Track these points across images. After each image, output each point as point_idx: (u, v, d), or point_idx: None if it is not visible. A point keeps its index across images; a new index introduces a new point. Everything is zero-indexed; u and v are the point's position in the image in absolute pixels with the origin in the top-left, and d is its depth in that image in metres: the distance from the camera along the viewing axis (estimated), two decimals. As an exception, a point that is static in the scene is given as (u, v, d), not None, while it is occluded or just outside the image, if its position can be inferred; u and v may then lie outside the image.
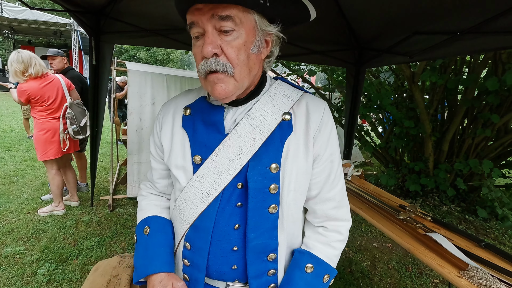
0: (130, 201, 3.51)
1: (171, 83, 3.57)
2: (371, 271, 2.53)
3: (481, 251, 1.36)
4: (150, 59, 22.48)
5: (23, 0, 1.94)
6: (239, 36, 0.60)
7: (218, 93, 0.63)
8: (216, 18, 0.58)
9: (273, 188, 0.68)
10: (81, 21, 2.27)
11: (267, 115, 0.70)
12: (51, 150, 2.83)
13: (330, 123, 0.73)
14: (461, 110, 3.64)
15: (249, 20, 0.61)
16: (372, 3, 1.91)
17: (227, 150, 0.68)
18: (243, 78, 0.64)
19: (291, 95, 0.73)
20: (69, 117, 2.88)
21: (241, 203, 0.69)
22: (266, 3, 0.60)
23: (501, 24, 1.47)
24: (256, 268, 0.71)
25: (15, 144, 5.62)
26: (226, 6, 0.57)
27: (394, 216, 1.74)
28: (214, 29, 0.59)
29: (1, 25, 15.27)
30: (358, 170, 2.64)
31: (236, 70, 0.62)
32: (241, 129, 0.69)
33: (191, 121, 0.74)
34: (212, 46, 0.59)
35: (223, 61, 0.61)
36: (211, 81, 0.63)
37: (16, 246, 2.42)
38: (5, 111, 9.22)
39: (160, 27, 2.48)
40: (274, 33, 0.67)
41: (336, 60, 2.93)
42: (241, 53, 0.61)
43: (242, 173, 0.69)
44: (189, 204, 0.71)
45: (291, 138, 0.70)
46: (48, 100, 2.79)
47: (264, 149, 0.68)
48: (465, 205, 3.93)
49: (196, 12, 0.59)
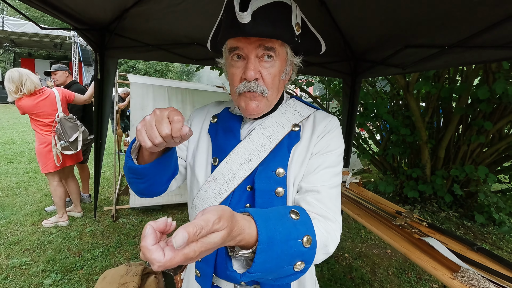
0: (133, 211, 3.56)
1: (172, 95, 3.66)
2: (371, 277, 2.57)
3: (474, 254, 1.42)
4: (149, 69, 22.72)
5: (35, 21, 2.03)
6: (275, 65, 0.73)
7: (252, 109, 0.74)
8: (262, 48, 0.70)
9: (280, 192, 0.73)
10: (87, 37, 2.37)
11: (277, 125, 0.78)
12: (51, 163, 2.89)
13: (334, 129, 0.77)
14: (456, 117, 3.74)
15: (284, 53, 0.74)
16: (365, 18, 2.02)
17: (239, 154, 0.76)
18: (273, 100, 0.78)
19: (303, 111, 0.82)
20: (57, 133, 2.88)
21: (250, 204, 0.75)
22: (298, 40, 0.74)
23: (486, 39, 1.57)
24: None
25: (17, 156, 5.67)
26: (271, 39, 0.70)
27: (391, 222, 1.80)
28: (256, 56, 0.71)
29: (1, 38, 15.47)
30: (356, 178, 2.71)
31: (270, 92, 0.74)
32: (253, 136, 0.77)
33: (215, 128, 0.84)
34: (254, 72, 0.70)
35: (261, 85, 0.73)
36: (247, 97, 0.74)
37: (22, 257, 2.45)
38: (6, 123, 9.28)
39: (163, 42, 2.58)
40: (296, 62, 0.80)
41: (332, 71, 3.03)
42: (275, 79, 0.74)
43: (252, 176, 0.75)
44: (204, 204, 0.77)
45: (297, 145, 0.77)
46: (43, 115, 2.84)
47: (272, 155, 0.75)
48: (463, 211, 3.99)
49: (243, 40, 0.69)
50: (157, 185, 0.76)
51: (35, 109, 2.79)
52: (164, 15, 2.14)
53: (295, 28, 0.72)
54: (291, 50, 0.76)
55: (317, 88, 13.76)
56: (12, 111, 12.21)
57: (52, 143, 2.86)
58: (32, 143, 6.92)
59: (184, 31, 2.40)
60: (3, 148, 6.16)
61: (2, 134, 7.55)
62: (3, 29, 12.54)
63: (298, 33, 0.74)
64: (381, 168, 4.98)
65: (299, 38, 0.74)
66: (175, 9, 2.04)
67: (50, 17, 16.55)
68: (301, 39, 0.75)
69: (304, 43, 0.77)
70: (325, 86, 4.91)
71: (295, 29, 0.72)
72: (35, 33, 13.08)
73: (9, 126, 8.78)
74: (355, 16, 2.07)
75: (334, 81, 4.76)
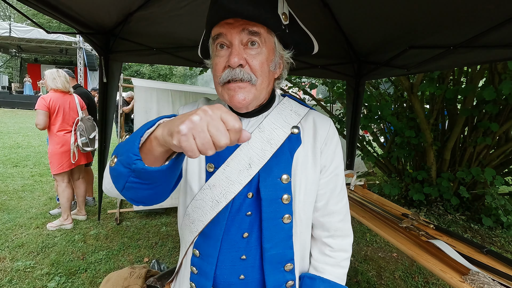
0: (137, 214, 3.55)
1: (176, 98, 3.68)
2: (377, 281, 2.54)
3: (483, 257, 1.39)
4: (153, 74, 22.90)
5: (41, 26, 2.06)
6: (262, 52, 0.68)
7: (237, 101, 0.68)
8: (246, 33, 0.66)
9: (286, 199, 0.71)
10: (92, 42, 2.39)
11: (276, 128, 0.74)
12: (66, 163, 2.99)
13: (335, 138, 0.79)
14: (461, 119, 3.70)
15: (271, 41, 0.70)
16: (368, 20, 2.01)
17: (238, 160, 0.71)
18: (262, 89, 0.71)
19: (299, 110, 0.79)
20: (79, 129, 3.09)
21: (251, 212, 0.72)
22: (285, 29, 0.70)
23: (491, 38, 1.55)
24: (274, 279, 0.72)
25: (23, 160, 5.72)
26: (256, 24, 0.66)
27: (397, 224, 1.78)
28: (240, 43, 0.66)
29: (9, 44, 15.76)
30: (361, 180, 2.68)
31: (259, 80, 0.69)
32: (252, 141, 0.72)
33: None
34: (238, 57, 0.65)
35: (248, 71, 0.67)
36: (231, 89, 0.68)
37: (26, 260, 2.46)
38: (12, 128, 9.38)
39: (166, 45, 2.60)
40: (285, 58, 0.76)
41: (336, 74, 3.02)
42: (264, 66, 0.69)
43: (253, 183, 0.72)
44: (198, 212, 0.73)
45: (300, 150, 0.75)
46: (65, 113, 3.01)
47: (274, 160, 0.72)
48: (470, 214, 3.93)
49: (226, 26, 0.66)
50: (164, 192, 0.61)
51: (59, 102, 2.96)
52: (167, 18, 2.16)
53: (281, 16, 0.69)
54: (279, 42, 0.72)
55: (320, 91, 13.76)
56: (18, 115, 12.36)
57: (71, 140, 3.03)
58: (37, 147, 6.99)
59: (188, 34, 2.41)
60: (9, 152, 6.22)
61: (8, 138, 7.63)
62: (10, 35, 12.76)
63: (286, 23, 0.71)
64: (386, 171, 4.94)
65: (286, 28, 0.70)
66: (179, 13, 2.06)
67: (56, 23, 16.81)
68: (289, 30, 0.71)
69: (292, 35, 0.73)
70: (329, 88, 4.90)
71: (282, 18, 0.69)
72: (42, 39, 13.30)
73: (15, 131, 8.88)
74: (358, 18, 2.06)
75: (337, 83, 4.75)
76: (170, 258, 2.67)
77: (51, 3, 1.71)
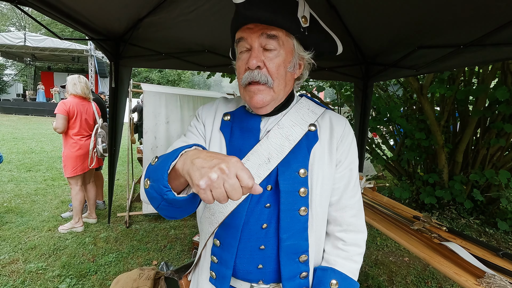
0: (146, 217, 3.58)
1: (184, 103, 3.72)
2: (389, 285, 2.48)
3: (499, 260, 1.35)
4: (162, 80, 23.26)
5: (55, 33, 2.12)
6: (280, 55, 0.72)
7: (256, 102, 0.73)
8: (264, 36, 0.70)
9: (303, 192, 0.74)
10: (103, 47, 2.45)
11: (295, 125, 0.78)
12: (82, 165, 3.06)
13: (351, 135, 0.82)
14: (473, 120, 3.63)
15: (289, 44, 0.74)
16: (376, 21, 2.00)
17: (258, 155, 0.75)
18: (280, 91, 0.75)
19: (316, 110, 0.83)
20: (100, 136, 3.18)
21: (270, 204, 0.75)
22: (305, 32, 0.74)
23: (502, 36, 1.52)
24: (289, 270, 0.75)
25: (36, 164, 5.85)
26: (274, 28, 0.70)
27: (409, 227, 1.74)
28: (259, 46, 0.71)
29: (23, 53, 16.28)
30: (370, 183, 2.65)
31: (275, 82, 0.73)
32: (271, 137, 0.76)
33: (229, 126, 0.82)
34: (256, 59, 0.70)
35: (265, 74, 0.72)
36: (251, 91, 0.73)
37: (38, 262, 2.50)
38: (26, 133, 9.63)
39: (175, 50, 2.64)
40: (306, 58, 0.79)
41: (343, 76, 3.01)
42: (280, 69, 0.73)
43: (272, 176, 0.75)
44: (219, 204, 0.75)
45: (316, 146, 0.78)
46: (82, 118, 3.08)
47: (292, 155, 0.76)
48: (484, 218, 3.82)
49: (247, 30, 0.71)
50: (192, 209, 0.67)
51: (78, 107, 3.04)
52: (176, 24, 2.19)
53: (301, 20, 0.72)
54: (299, 43, 0.76)
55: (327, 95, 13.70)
56: (32, 122, 12.68)
57: (91, 146, 3.12)
58: (50, 152, 7.15)
59: (196, 39, 2.44)
60: (23, 157, 6.38)
61: (22, 144, 7.83)
62: (25, 45, 13.19)
63: (305, 25, 0.74)
64: (396, 174, 4.86)
65: (306, 30, 0.74)
66: (187, 18, 2.09)
67: (69, 32, 17.28)
68: (308, 32, 0.75)
69: (313, 37, 0.76)
70: (336, 91, 4.88)
71: (301, 21, 0.72)
72: (55, 47, 13.69)
73: (29, 136, 9.11)
74: (365, 19, 2.05)
75: (345, 85, 4.72)
76: (179, 261, 2.68)
77: (64, 11, 1.77)
